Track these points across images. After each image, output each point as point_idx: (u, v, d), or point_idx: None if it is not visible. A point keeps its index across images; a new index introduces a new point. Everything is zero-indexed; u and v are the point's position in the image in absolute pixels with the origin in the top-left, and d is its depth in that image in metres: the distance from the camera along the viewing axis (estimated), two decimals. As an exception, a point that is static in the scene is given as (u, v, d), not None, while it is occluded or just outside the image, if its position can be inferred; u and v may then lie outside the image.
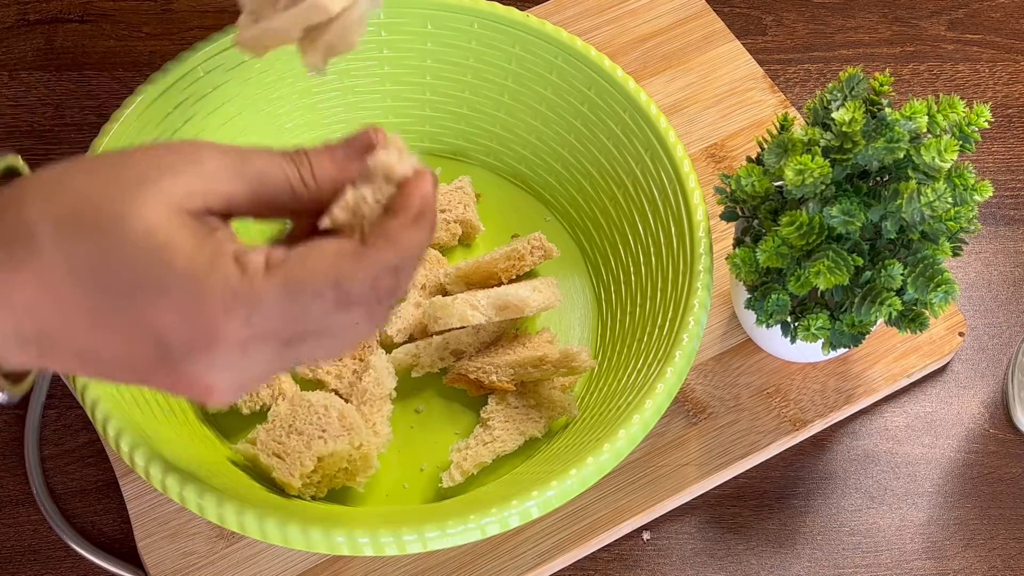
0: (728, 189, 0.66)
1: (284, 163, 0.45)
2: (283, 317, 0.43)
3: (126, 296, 0.42)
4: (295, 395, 0.69)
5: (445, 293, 0.75)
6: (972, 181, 0.61)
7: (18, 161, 0.48)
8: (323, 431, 0.66)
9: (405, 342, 0.74)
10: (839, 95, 0.64)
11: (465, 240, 0.80)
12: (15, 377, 0.50)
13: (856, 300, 0.62)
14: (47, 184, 0.43)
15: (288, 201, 0.45)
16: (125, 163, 0.44)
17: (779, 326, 0.66)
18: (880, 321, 0.63)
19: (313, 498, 0.67)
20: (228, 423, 0.71)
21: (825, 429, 0.75)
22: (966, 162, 0.63)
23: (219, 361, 0.43)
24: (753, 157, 0.68)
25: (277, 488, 0.66)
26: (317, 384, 0.72)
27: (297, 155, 0.46)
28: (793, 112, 0.86)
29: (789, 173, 0.60)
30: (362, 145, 0.47)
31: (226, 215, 0.45)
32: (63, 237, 0.42)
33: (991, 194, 0.61)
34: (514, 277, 0.75)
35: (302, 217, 0.47)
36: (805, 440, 0.75)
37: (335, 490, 0.68)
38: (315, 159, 0.46)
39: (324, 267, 0.44)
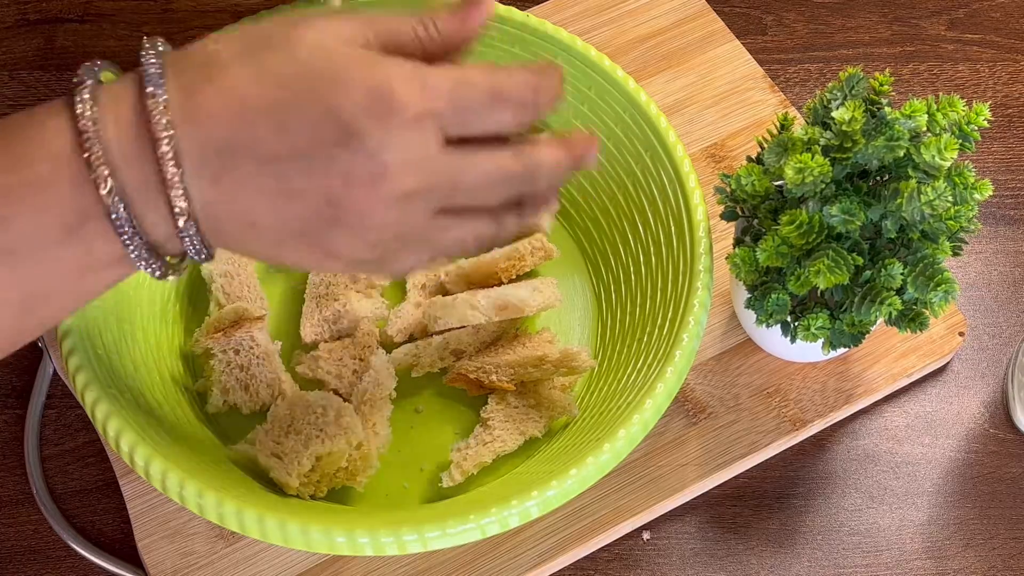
0: (728, 189, 0.66)
1: (413, 21, 0.51)
2: (449, 97, 0.48)
3: (308, 86, 0.47)
4: (294, 395, 0.69)
5: (445, 293, 0.75)
6: (972, 180, 0.61)
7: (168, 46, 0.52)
8: (321, 431, 0.66)
9: (405, 342, 0.74)
10: (839, 94, 0.64)
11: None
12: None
13: (856, 299, 0.62)
14: (217, 35, 0.49)
15: (416, 51, 0.51)
16: (278, 20, 0.49)
17: (779, 326, 0.66)
18: (880, 321, 0.63)
19: (313, 498, 0.67)
20: (228, 423, 0.71)
21: (825, 429, 0.75)
22: (966, 161, 0.63)
23: (396, 132, 0.47)
24: (753, 157, 0.68)
25: (277, 488, 0.66)
26: (317, 384, 0.72)
27: (424, 17, 0.52)
28: (793, 112, 0.86)
29: (789, 172, 0.60)
30: (477, 6, 0.53)
31: None
32: (243, 55, 0.47)
33: (991, 193, 0.61)
34: (514, 277, 0.75)
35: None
36: (805, 440, 0.75)
37: (335, 490, 0.68)
38: (439, 19, 0.52)
39: (481, 69, 0.50)
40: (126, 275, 0.50)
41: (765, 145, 0.66)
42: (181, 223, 0.47)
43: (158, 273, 0.49)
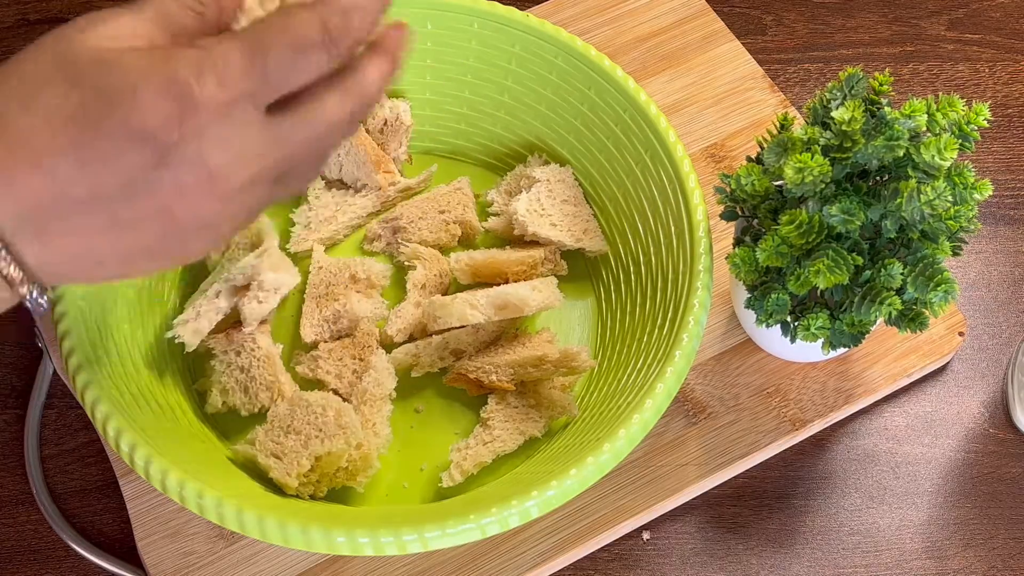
0: (728, 189, 0.66)
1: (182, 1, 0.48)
2: (250, 70, 0.45)
3: (100, 113, 0.43)
4: (294, 395, 0.69)
5: (446, 293, 0.75)
6: (972, 180, 0.61)
7: None
8: (320, 431, 0.66)
9: (405, 342, 0.74)
10: (839, 94, 0.64)
11: (465, 241, 0.79)
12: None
13: (856, 299, 0.62)
14: None
15: (197, 26, 0.48)
16: (40, 42, 0.46)
17: (779, 326, 0.66)
18: (880, 321, 0.63)
19: (313, 498, 0.67)
20: (227, 424, 0.71)
21: (825, 429, 0.75)
22: (966, 161, 0.63)
23: (208, 132, 0.44)
24: (753, 157, 0.68)
25: (277, 488, 0.66)
26: (317, 384, 0.72)
27: None
28: (793, 112, 0.86)
29: (789, 171, 0.60)
30: None
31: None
32: (20, 101, 0.43)
33: (991, 193, 0.61)
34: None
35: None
36: (805, 440, 0.75)
37: (335, 490, 0.68)
38: None
39: (271, 22, 0.46)
40: None
41: (765, 145, 0.66)
42: (23, 290, 0.45)
43: None
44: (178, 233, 0.46)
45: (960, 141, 0.61)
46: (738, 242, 0.68)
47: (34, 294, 0.46)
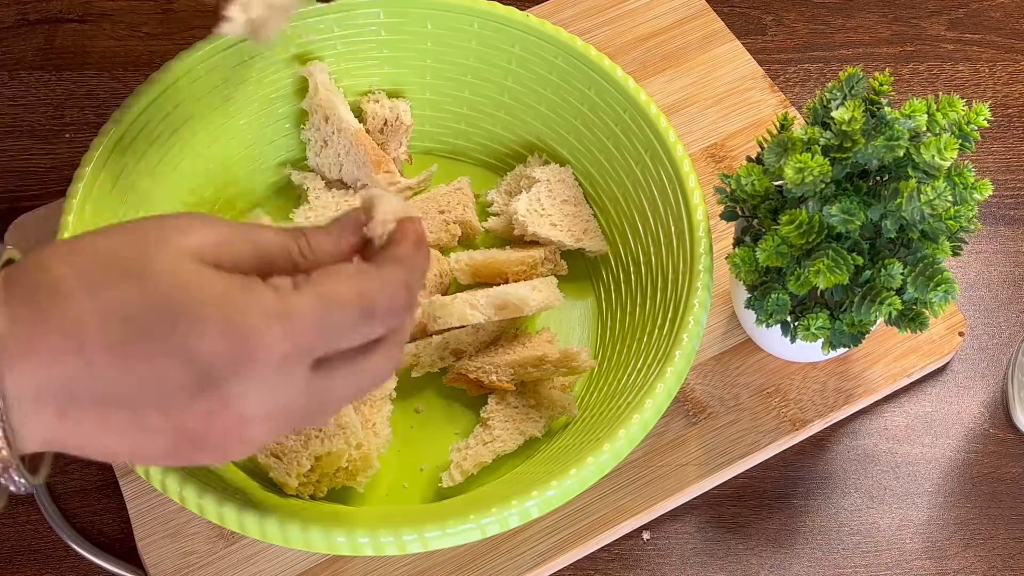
0: (728, 189, 0.66)
1: (286, 238, 0.48)
2: (316, 328, 0.45)
3: (160, 324, 0.43)
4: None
5: (452, 283, 0.75)
6: (972, 180, 0.61)
7: (15, 254, 0.49)
8: (320, 431, 0.66)
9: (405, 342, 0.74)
10: (839, 94, 0.64)
11: (465, 241, 0.79)
12: (32, 467, 0.49)
13: (856, 299, 0.62)
14: (66, 245, 0.45)
15: (288, 268, 0.48)
16: (139, 226, 0.46)
17: (779, 326, 0.66)
18: (880, 321, 0.63)
19: (313, 498, 0.67)
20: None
21: (825, 429, 0.75)
22: (966, 161, 0.63)
23: (257, 379, 0.44)
24: (753, 157, 0.68)
25: (277, 488, 0.66)
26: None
27: (297, 233, 0.49)
28: (793, 112, 0.86)
29: (789, 171, 0.60)
30: (354, 223, 0.50)
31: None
32: (88, 285, 0.43)
33: (991, 193, 0.61)
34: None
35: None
36: (805, 440, 0.75)
37: (335, 490, 0.68)
38: (312, 237, 0.49)
39: (348, 282, 0.47)
40: None
41: (765, 145, 0.65)
42: (14, 460, 0.44)
43: None
44: (190, 451, 0.46)
45: (960, 141, 0.61)
46: (738, 242, 0.68)
47: (13, 475, 0.45)
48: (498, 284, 0.74)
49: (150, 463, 0.49)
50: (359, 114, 0.80)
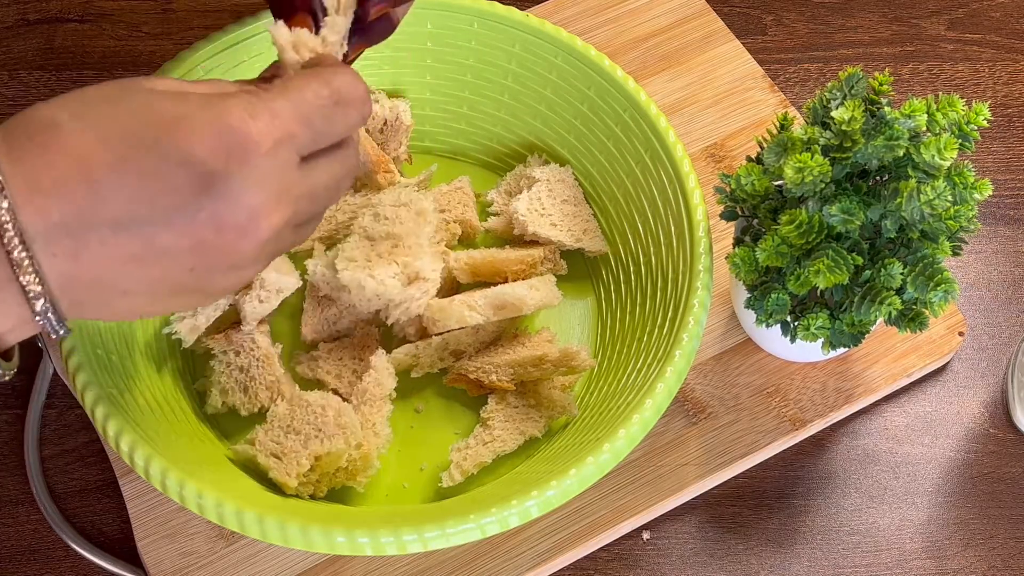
0: (728, 188, 0.66)
1: (243, 82, 0.52)
2: (296, 118, 0.48)
3: (154, 136, 0.45)
4: (294, 395, 0.69)
5: (453, 281, 0.75)
6: (971, 180, 0.61)
7: None
8: (320, 431, 0.66)
9: (405, 342, 0.74)
10: (838, 94, 0.64)
11: (465, 240, 0.79)
12: (4, 354, 0.50)
13: (856, 299, 0.62)
14: (53, 99, 0.46)
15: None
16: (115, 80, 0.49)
17: (779, 326, 0.66)
18: (880, 320, 0.63)
19: (313, 497, 0.67)
20: (227, 424, 0.71)
21: (825, 429, 0.75)
22: (965, 161, 0.63)
23: (252, 167, 0.46)
24: (753, 157, 0.68)
25: (277, 488, 0.66)
26: (317, 384, 0.72)
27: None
28: (793, 112, 0.86)
29: (789, 171, 0.60)
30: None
31: None
32: (81, 116, 0.45)
33: (991, 193, 0.61)
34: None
35: None
36: (805, 440, 0.75)
37: (335, 490, 0.68)
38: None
39: (314, 78, 0.50)
40: None
41: (765, 145, 0.66)
42: (39, 306, 0.45)
43: None
44: (207, 271, 0.47)
45: (960, 141, 0.61)
46: (738, 242, 0.68)
47: (51, 315, 0.45)
48: (497, 283, 0.74)
49: (167, 304, 0.48)
50: None
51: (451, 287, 0.76)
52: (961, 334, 0.77)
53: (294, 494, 0.66)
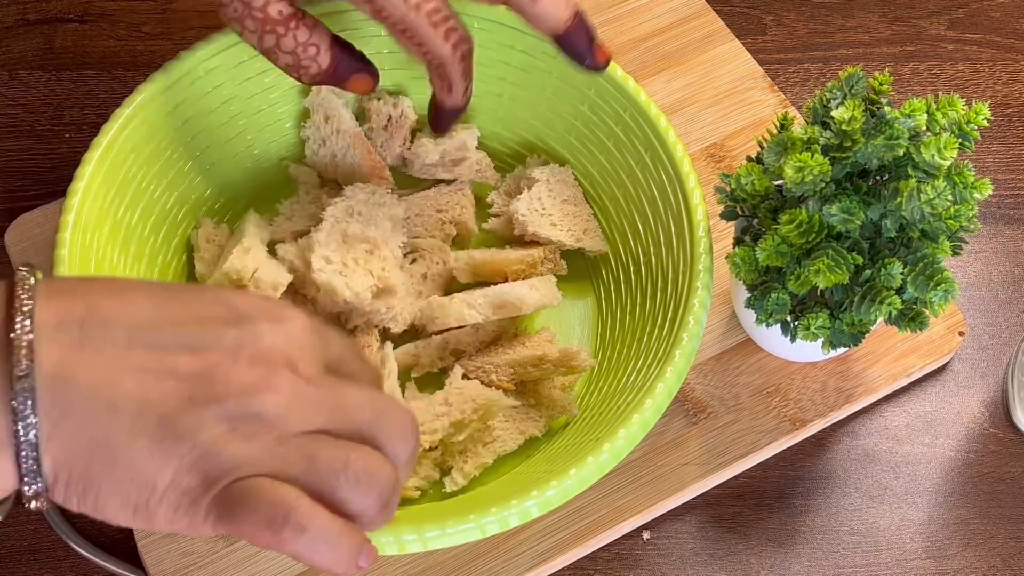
0: (728, 188, 0.66)
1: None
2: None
3: (198, 289, 0.48)
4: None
5: (453, 281, 0.75)
6: (972, 179, 0.61)
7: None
8: None
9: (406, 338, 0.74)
10: (838, 94, 0.64)
11: (459, 242, 0.79)
12: None
13: (856, 299, 0.62)
14: None
15: None
16: None
17: (779, 325, 0.66)
18: (880, 320, 0.63)
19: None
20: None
21: (825, 429, 0.75)
22: (966, 161, 0.63)
23: (289, 329, 0.45)
24: (753, 156, 0.68)
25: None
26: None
27: None
28: (793, 112, 0.86)
29: (789, 171, 0.60)
30: None
31: None
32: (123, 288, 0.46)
33: (991, 192, 0.61)
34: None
35: None
36: (805, 440, 0.75)
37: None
38: None
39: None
40: None
41: (765, 145, 0.66)
42: (19, 398, 0.41)
43: None
44: (202, 404, 0.43)
45: (960, 140, 0.61)
46: (738, 242, 0.68)
47: (29, 410, 0.41)
48: (497, 283, 0.74)
49: (144, 427, 0.42)
50: (362, 113, 0.80)
51: (451, 287, 0.76)
52: (961, 334, 0.77)
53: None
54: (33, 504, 0.43)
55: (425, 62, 0.65)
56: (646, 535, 0.72)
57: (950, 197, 0.59)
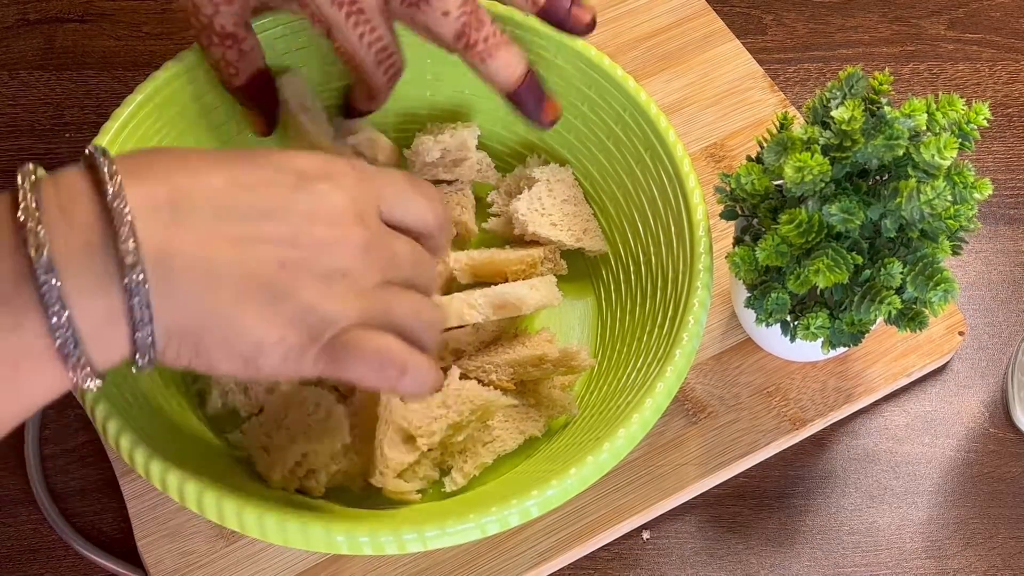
0: (728, 188, 0.66)
1: None
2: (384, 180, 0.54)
3: (257, 153, 0.50)
4: (291, 389, 0.69)
5: (453, 281, 0.75)
6: (971, 179, 0.61)
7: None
8: (308, 428, 0.66)
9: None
10: (838, 94, 0.64)
11: (459, 242, 0.79)
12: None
13: (855, 299, 0.62)
14: None
15: None
16: None
17: (779, 325, 0.66)
18: (880, 320, 0.63)
19: (312, 496, 0.67)
20: (227, 424, 0.71)
21: (825, 428, 0.75)
22: (965, 160, 0.63)
23: (345, 183, 0.51)
24: (753, 156, 0.68)
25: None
26: (317, 381, 0.72)
27: None
28: (793, 111, 0.86)
29: (788, 171, 0.60)
30: None
31: None
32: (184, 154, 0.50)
33: (991, 192, 0.61)
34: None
35: None
36: (805, 439, 0.75)
37: (335, 490, 0.68)
38: None
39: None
40: (51, 388, 0.46)
41: (765, 144, 0.66)
42: (132, 277, 0.43)
43: (81, 375, 0.45)
44: (296, 268, 0.48)
45: (960, 140, 0.61)
46: (738, 241, 0.68)
47: (141, 286, 0.44)
48: (497, 283, 0.74)
49: (248, 293, 0.47)
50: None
51: (451, 287, 0.76)
52: (961, 334, 0.77)
53: (281, 487, 0.65)
54: (135, 368, 0.47)
55: (355, 77, 0.71)
56: (646, 535, 0.72)
57: (950, 197, 0.59)
